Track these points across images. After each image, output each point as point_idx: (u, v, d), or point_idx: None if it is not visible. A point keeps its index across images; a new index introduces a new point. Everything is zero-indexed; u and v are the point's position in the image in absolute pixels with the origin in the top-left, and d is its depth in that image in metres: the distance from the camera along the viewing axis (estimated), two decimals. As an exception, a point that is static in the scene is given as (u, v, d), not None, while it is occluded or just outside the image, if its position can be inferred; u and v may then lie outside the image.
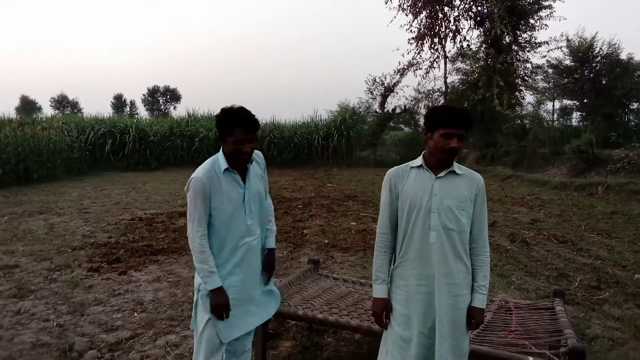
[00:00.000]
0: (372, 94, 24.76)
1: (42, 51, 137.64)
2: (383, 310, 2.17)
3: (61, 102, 68.69)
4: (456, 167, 2.13)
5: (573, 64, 24.48)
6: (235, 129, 2.18)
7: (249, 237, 2.37)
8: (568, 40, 23.38)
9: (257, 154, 2.50)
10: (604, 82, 24.41)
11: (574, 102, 29.80)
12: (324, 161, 21.67)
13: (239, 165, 2.32)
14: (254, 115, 2.24)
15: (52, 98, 69.00)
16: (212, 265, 2.26)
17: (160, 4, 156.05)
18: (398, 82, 23.21)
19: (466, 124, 2.06)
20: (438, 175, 2.10)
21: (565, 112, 38.67)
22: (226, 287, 2.30)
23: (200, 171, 2.27)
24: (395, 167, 2.24)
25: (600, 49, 23.70)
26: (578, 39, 23.60)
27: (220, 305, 2.27)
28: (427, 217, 2.08)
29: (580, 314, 4.17)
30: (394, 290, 2.20)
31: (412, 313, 2.11)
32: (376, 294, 2.20)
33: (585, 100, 25.98)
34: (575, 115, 35.53)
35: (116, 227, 7.64)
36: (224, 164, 2.28)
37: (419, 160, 2.17)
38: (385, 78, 23.57)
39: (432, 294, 2.08)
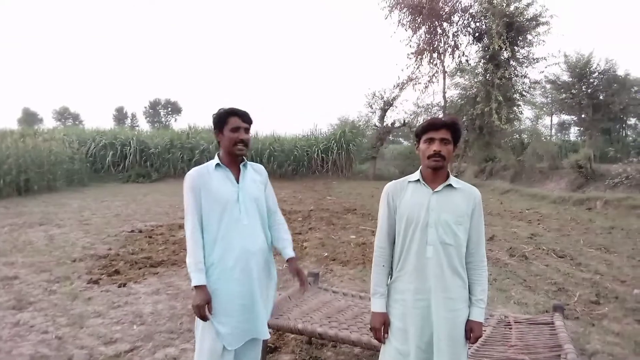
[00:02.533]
0: (371, 107, 24.93)
1: (44, 63, 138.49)
2: (381, 324, 2.17)
3: (63, 114, 69.10)
4: (453, 181, 2.13)
5: (571, 79, 24.74)
6: (231, 117, 2.34)
7: (248, 239, 2.34)
8: (566, 56, 23.65)
9: (257, 166, 2.58)
10: (601, 97, 24.66)
11: (572, 117, 30.09)
12: (324, 174, 21.74)
13: (234, 157, 2.40)
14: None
15: (54, 110, 69.48)
16: (199, 261, 2.28)
17: (164, 17, 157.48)
18: (397, 96, 23.39)
19: (448, 128, 2.07)
20: (435, 190, 2.11)
21: (563, 127, 38.99)
22: (228, 290, 2.29)
23: (193, 168, 2.43)
24: (393, 181, 2.25)
25: (598, 64, 23.98)
26: (575, 55, 23.87)
27: (199, 306, 2.23)
28: (424, 232, 2.08)
29: (580, 329, 4.16)
30: (391, 305, 2.20)
31: (409, 327, 2.11)
32: (374, 308, 2.19)
33: (583, 116, 26.21)
34: (573, 130, 35.85)
35: (116, 239, 7.64)
36: (216, 161, 2.41)
37: (416, 175, 2.18)
38: (384, 92, 23.76)
39: (429, 308, 2.08)
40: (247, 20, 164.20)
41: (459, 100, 21.94)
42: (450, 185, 2.12)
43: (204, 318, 2.26)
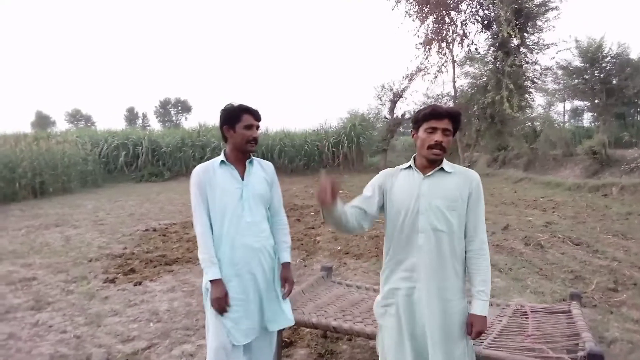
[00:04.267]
0: (381, 100, 24.77)
1: (56, 67, 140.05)
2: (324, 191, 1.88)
3: (75, 116, 70.10)
4: (446, 165, 2.05)
5: (583, 64, 24.34)
6: (244, 114, 2.35)
7: (251, 236, 2.36)
8: (577, 41, 23.27)
9: (265, 163, 2.58)
10: (614, 82, 24.23)
11: (585, 102, 29.63)
12: (335, 168, 21.70)
13: (243, 154, 2.41)
14: None
15: (66, 112, 70.52)
16: (213, 255, 2.31)
17: (172, 17, 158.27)
18: (407, 87, 23.21)
19: (450, 117, 2.00)
20: (426, 175, 2.04)
21: (576, 113, 38.48)
22: (233, 286, 2.32)
23: (199, 165, 2.45)
24: (388, 168, 2.22)
25: (610, 48, 23.56)
26: (587, 40, 23.47)
27: (219, 298, 2.27)
28: (415, 219, 2.01)
29: (598, 317, 4.12)
30: (385, 296, 2.15)
31: (403, 317, 2.07)
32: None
33: (596, 101, 25.80)
34: (587, 116, 35.34)
35: (131, 238, 7.71)
36: (221, 158, 2.40)
37: (409, 162, 2.12)
38: (393, 84, 23.61)
39: (421, 298, 2.02)
40: (255, 16, 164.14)
41: (469, 90, 21.71)
42: (442, 169, 2.04)
43: (224, 310, 2.29)
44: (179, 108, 74.40)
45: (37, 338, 3.83)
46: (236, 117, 2.35)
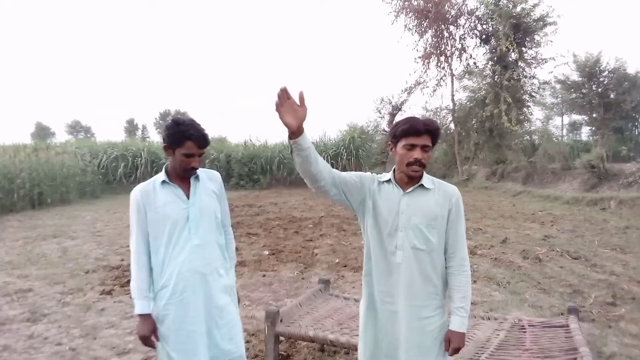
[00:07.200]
0: (380, 112, 24.99)
1: (56, 78, 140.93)
2: None
3: (75, 128, 70.36)
4: (426, 181, 1.99)
5: (580, 79, 24.55)
6: (187, 141, 2.11)
7: (199, 260, 2.17)
8: (574, 56, 23.48)
9: (211, 173, 2.39)
10: (612, 96, 24.43)
11: (583, 116, 29.81)
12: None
13: (181, 178, 2.23)
14: (205, 130, 2.19)
15: (66, 124, 70.87)
16: (143, 288, 2.15)
17: (172, 29, 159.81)
18: (405, 100, 23.42)
19: (430, 133, 1.94)
20: (406, 191, 1.98)
21: (574, 127, 38.65)
22: (179, 315, 2.15)
23: (139, 184, 2.26)
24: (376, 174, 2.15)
25: (607, 63, 23.78)
26: (584, 54, 23.70)
27: (144, 336, 2.14)
28: (393, 236, 1.97)
29: (596, 332, 4.10)
30: (362, 308, 2.12)
31: (378, 333, 2.04)
32: None
33: (594, 115, 25.97)
34: (585, 130, 35.50)
35: (128, 250, 7.64)
36: (162, 177, 2.22)
37: (388, 175, 2.07)
38: (392, 97, 23.81)
39: (397, 314, 1.98)
40: (255, 29, 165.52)
41: (468, 103, 21.87)
42: (422, 185, 1.99)
43: (151, 346, 2.19)
44: (179, 120, 74.60)
45: (32, 350, 3.81)
46: (177, 141, 2.12)
